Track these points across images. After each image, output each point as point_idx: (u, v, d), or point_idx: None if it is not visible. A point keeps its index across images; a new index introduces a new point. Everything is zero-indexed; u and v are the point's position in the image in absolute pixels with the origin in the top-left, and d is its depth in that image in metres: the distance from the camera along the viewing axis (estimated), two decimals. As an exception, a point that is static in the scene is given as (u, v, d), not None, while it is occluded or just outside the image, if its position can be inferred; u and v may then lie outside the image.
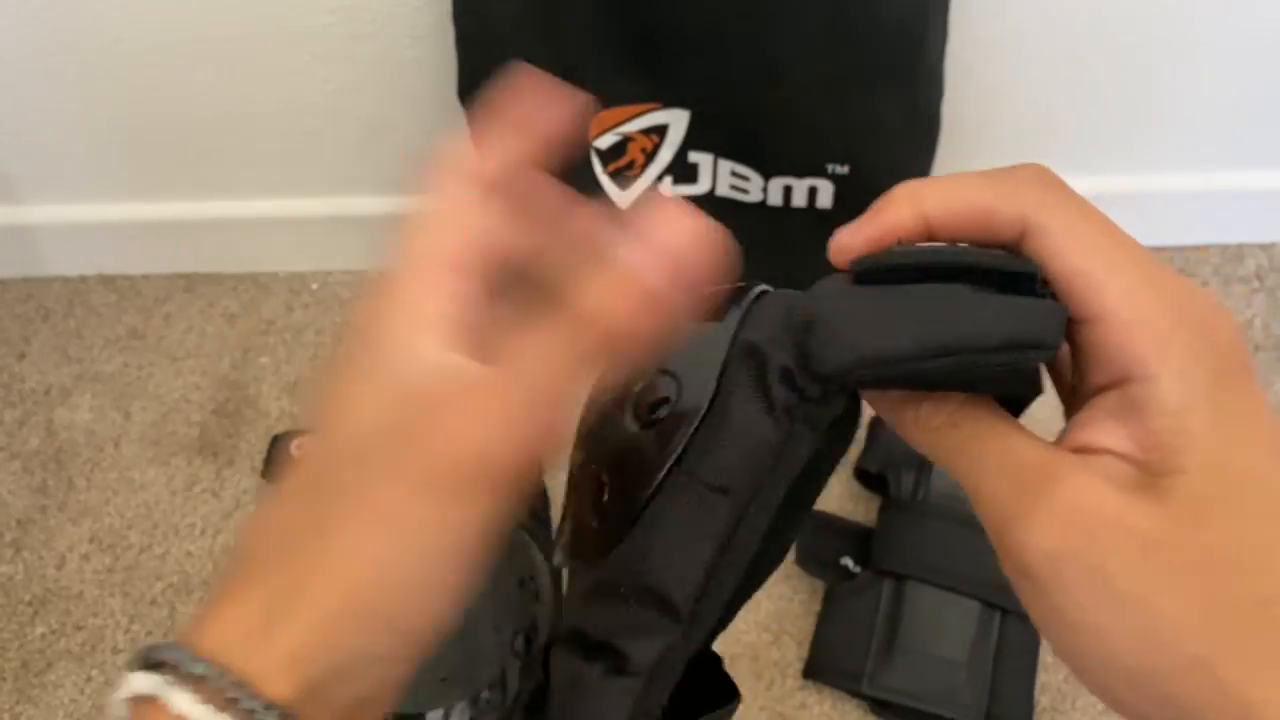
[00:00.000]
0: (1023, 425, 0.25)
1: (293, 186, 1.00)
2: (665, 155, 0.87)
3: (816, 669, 0.82)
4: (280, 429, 0.95)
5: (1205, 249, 1.05)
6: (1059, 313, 0.24)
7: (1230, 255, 1.05)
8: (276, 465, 0.92)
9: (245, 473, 0.93)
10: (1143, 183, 1.00)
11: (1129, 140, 0.97)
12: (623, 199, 0.88)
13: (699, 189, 0.88)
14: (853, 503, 0.90)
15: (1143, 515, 0.23)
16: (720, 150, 0.86)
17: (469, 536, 0.23)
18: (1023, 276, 0.24)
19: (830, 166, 0.85)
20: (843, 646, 0.82)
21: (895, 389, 0.26)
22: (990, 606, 0.80)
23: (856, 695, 0.81)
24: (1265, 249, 1.05)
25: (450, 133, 0.26)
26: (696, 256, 0.24)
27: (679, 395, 0.27)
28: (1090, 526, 0.23)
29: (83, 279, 1.07)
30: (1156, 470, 0.23)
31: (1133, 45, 0.89)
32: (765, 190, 0.86)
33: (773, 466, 0.26)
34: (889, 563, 0.83)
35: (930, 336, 0.24)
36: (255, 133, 0.95)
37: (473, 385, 0.24)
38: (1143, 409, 0.23)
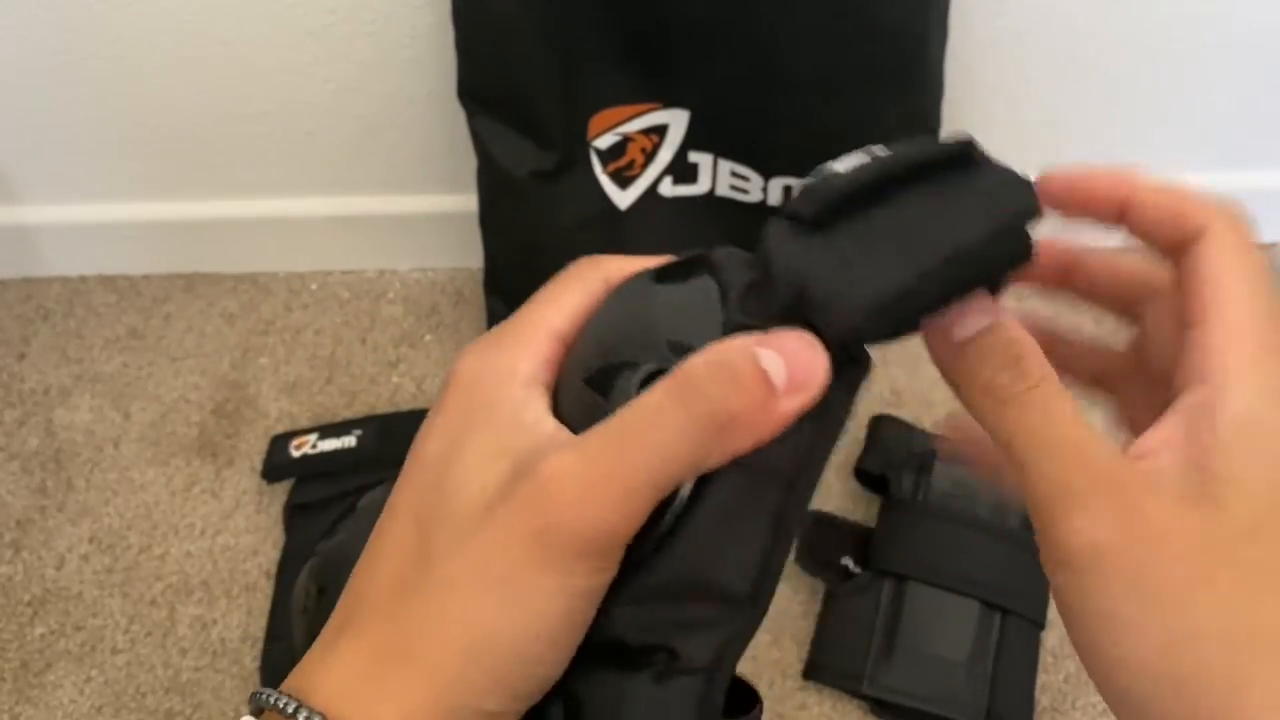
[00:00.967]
0: (1089, 420, 0.25)
1: (293, 186, 1.00)
2: (665, 155, 0.87)
3: (816, 669, 0.82)
4: (280, 429, 0.96)
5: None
6: (1018, 176, 0.25)
7: (1230, 255, 1.05)
8: (276, 465, 0.92)
9: (245, 473, 0.93)
10: (1143, 183, 1.00)
11: (1129, 140, 0.97)
12: (623, 199, 0.88)
13: (699, 189, 0.88)
14: (853, 503, 0.90)
15: (1196, 520, 0.23)
16: (720, 150, 0.86)
17: (584, 603, 0.24)
18: (961, 154, 0.25)
19: (830, 166, 0.85)
20: (842, 647, 0.82)
21: (911, 319, 0.26)
22: (990, 606, 0.80)
23: (856, 695, 0.81)
24: (1265, 249, 1.05)
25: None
26: (815, 380, 0.24)
27: None
28: (1142, 524, 0.23)
29: (83, 279, 1.07)
30: (1217, 477, 0.23)
31: (1133, 46, 0.90)
32: (765, 190, 0.86)
33: (816, 436, 0.26)
34: (889, 563, 0.83)
35: (924, 257, 0.24)
36: (255, 133, 0.95)
37: (593, 459, 0.24)
38: (1215, 414, 0.24)
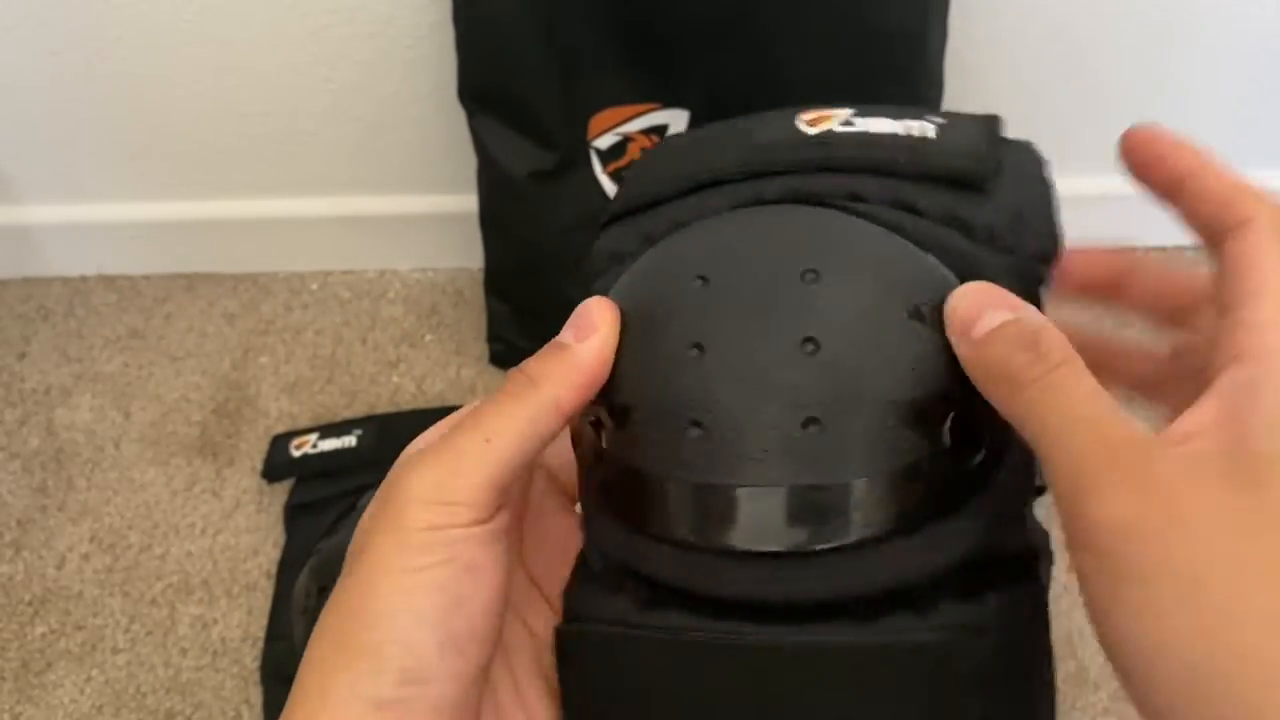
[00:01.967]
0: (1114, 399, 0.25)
1: (293, 186, 1.00)
2: (665, 155, 0.87)
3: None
4: (280, 429, 0.96)
5: (1205, 249, 1.05)
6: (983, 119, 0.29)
7: (1230, 255, 1.05)
8: (276, 465, 0.92)
9: (245, 473, 0.94)
10: (1143, 183, 1.00)
11: (1129, 140, 0.97)
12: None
13: (699, 189, 0.88)
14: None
15: (1236, 501, 0.22)
16: (720, 150, 0.86)
17: (458, 572, 0.27)
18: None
19: (830, 167, 0.85)
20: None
21: None
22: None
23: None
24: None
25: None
26: (596, 322, 0.28)
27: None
28: (1174, 503, 0.22)
29: (83, 279, 1.07)
30: (1261, 456, 0.22)
31: (1133, 45, 0.90)
32: (765, 190, 0.86)
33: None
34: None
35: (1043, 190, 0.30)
36: (255, 133, 0.95)
37: (429, 450, 0.29)
38: (1257, 392, 0.23)
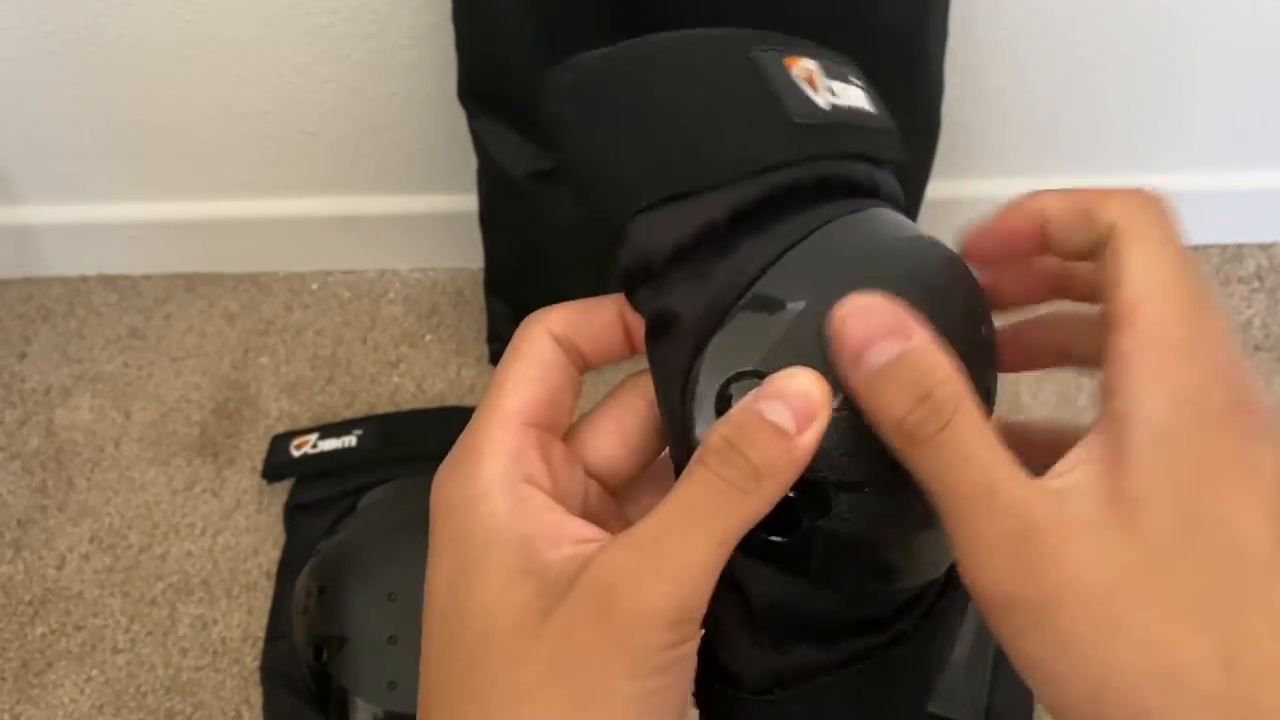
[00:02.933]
0: (1004, 445, 0.24)
1: (293, 186, 1.00)
2: (665, 155, 0.87)
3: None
4: (280, 429, 0.96)
5: (1205, 249, 1.05)
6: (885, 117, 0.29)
7: (1230, 255, 1.05)
8: (276, 465, 0.92)
9: (245, 473, 0.94)
10: (1143, 183, 1.00)
11: (1129, 141, 0.97)
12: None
13: (699, 189, 0.88)
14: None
15: (1112, 553, 0.22)
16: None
17: (662, 683, 0.24)
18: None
19: (830, 167, 0.85)
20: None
21: None
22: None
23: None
24: (1265, 249, 1.05)
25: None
26: (819, 408, 0.25)
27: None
28: (1053, 572, 0.22)
29: (83, 279, 1.07)
30: (1132, 499, 0.22)
31: (1132, 46, 0.90)
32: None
33: None
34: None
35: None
36: (255, 133, 0.95)
37: (645, 552, 0.24)
38: (1127, 429, 0.23)
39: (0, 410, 0.98)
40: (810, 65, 0.30)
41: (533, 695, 0.24)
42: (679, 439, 0.27)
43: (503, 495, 0.26)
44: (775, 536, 0.26)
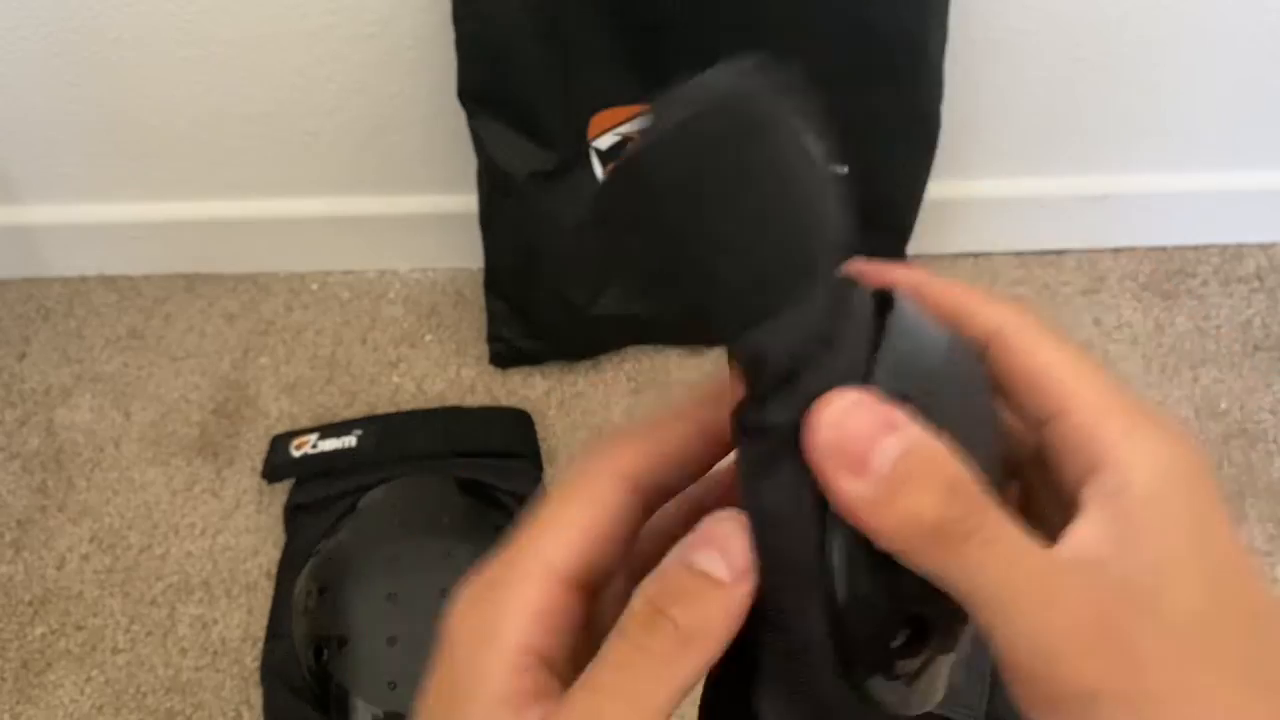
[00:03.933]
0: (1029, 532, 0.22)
1: (293, 186, 1.00)
2: (665, 155, 0.87)
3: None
4: (280, 429, 0.96)
5: (1205, 249, 1.05)
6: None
7: (1230, 255, 1.05)
8: (276, 465, 0.92)
9: (245, 473, 0.94)
10: (1143, 183, 1.00)
11: (1129, 140, 0.97)
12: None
13: (699, 189, 0.88)
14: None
15: (1177, 632, 0.21)
16: (720, 150, 0.86)
17: None
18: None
19: (830, 167, 0.85)
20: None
21: None
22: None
23: (856, 695, 0.81)
24: (1265, 249, 1.05)
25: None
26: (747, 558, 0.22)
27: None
28: (1132, 660, 0.21)
29: (83, 279, 1.07)
30: (1142, 567, 0.22)
31: (1133, 45, 0.90)
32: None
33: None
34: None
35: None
36: (255, 133, 0.95)
37: None
38: (1120, 498, 0.22)
39: (0, 410, 0.98)
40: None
41: None
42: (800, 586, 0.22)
43: (501, 667, 0.23)
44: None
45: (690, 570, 0.21)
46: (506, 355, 0.98)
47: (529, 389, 0.98)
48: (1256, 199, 1.03)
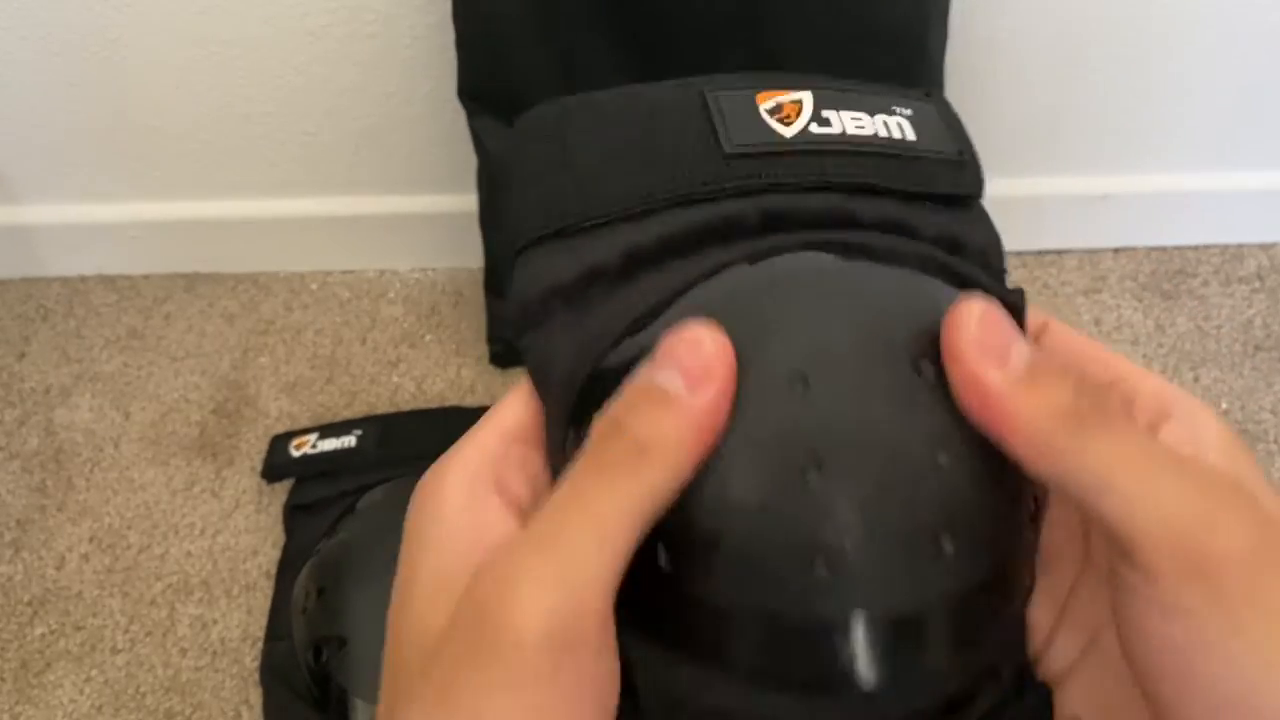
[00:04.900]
0: None
1: (293, 186, 1.00)
2: (665, 155, 0.87)
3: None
4: (280, 429, 0.96)
5: (1205, 249, 1.05)
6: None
7: (1230, 255, 1.05)
8: (276, 465, 0.92)
9: (245, 473, 0.93)
10: (1143, 183, 1.00)
11: (1129, 140, 0.97)
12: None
13: (699, 189, 0.88)
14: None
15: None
16: (720, 150, 0.86)
17: (589, 701, 0.21)
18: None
19: (830, 167, 0.84)
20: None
21: None
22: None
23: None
24: (1265, 249, 1.05)
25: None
26: (715, 365, 0.22)
27: None
28: (1273, 529, 0.21)
29: (83, 279, 1.07)
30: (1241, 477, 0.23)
31: (1132, 46, 0.90)
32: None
33: None
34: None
35: None
36: (255, 133, 0.95)
37: (527, 560, 0.21)
38: (1198, 442, 0.23)
39: (0, 410, 0.98)
40: (797, 96, 0.26)
41: (423, 694, 0.21)
42: None
43: (457, 492, 0.24)
44: None
45: (646, 385, 0.22)
46: (506, 355, 0.98)
47: (529, 389, 0.98)
48: (1256, 199, 1.03)
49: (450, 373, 0.99)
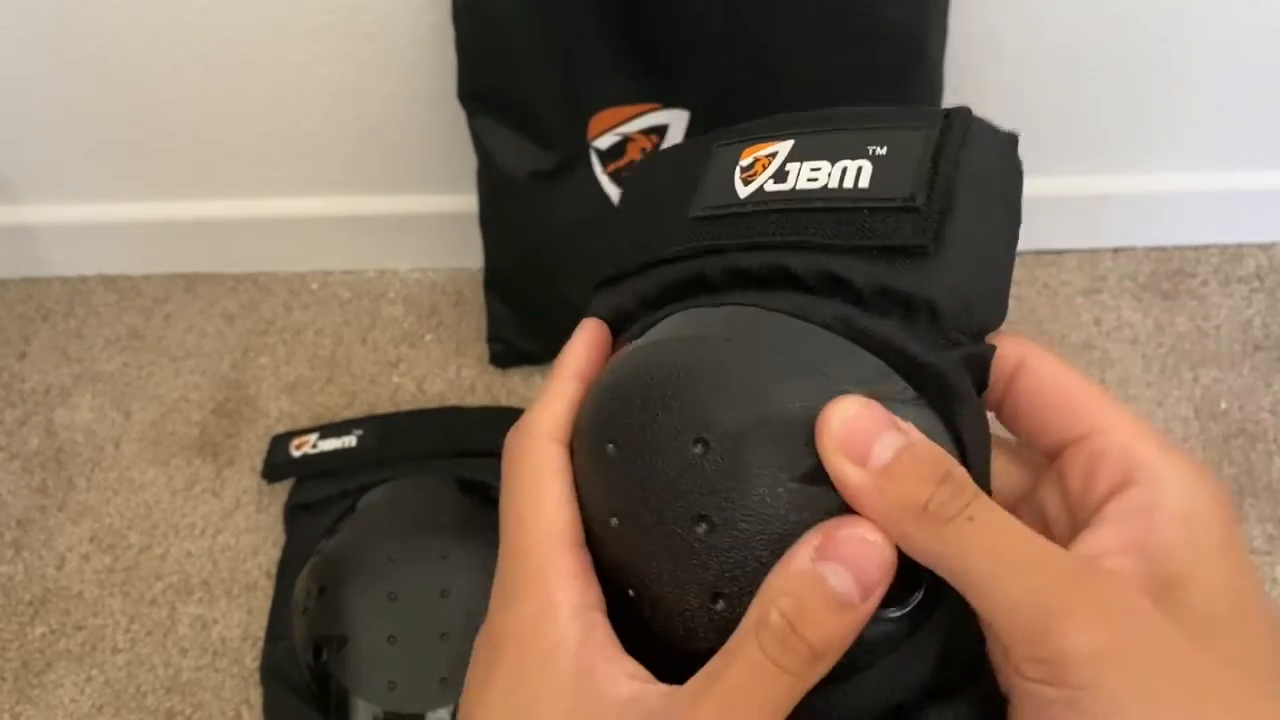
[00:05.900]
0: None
1: (293, 186, 1.00)
2: (665, 155, 0.87)
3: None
4: (280, 429, 0.96)
5: (1205, 249, 1.05)
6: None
7: (1230, 255, 1.05)
8: (276, 465, 0.92)
9: (245, 473, 0.94)
10: (1143, 183, 1.00)
11: (1129, 140, 0.97)
12: (623, 199, 0.88)
13: (699, 189, 0.88)
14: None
15: (1174, 622, 0.22)
16: (720, 150, 0.86)
17: None
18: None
19: (830, 167, 0.85)
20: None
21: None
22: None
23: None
24: (1265, 249, 1.05)
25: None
26: (882, 576, 0.23)
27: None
28: (1142, 627, 0.21)
29: (83, 279, 1.07)
30: (1177, 580, 0.22)
31: (1133, 45, 0.90)
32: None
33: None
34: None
35: (1002, 220, 0.26)
36: (255, 133, 0.95)
37: None
38: (1155, 516, 0.23)
39: (0, 410, 0.98)
40: (776, 149, 0.28)
41: None
42: None
43: (572, 621, 0.25)
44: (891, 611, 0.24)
45: (823, 589, 0.22)
46: (506, 355, 0.98)
47: (529, 389, 0.98)
48: (1256, 199, 1.03)
49: (450, 373, 0.99)
